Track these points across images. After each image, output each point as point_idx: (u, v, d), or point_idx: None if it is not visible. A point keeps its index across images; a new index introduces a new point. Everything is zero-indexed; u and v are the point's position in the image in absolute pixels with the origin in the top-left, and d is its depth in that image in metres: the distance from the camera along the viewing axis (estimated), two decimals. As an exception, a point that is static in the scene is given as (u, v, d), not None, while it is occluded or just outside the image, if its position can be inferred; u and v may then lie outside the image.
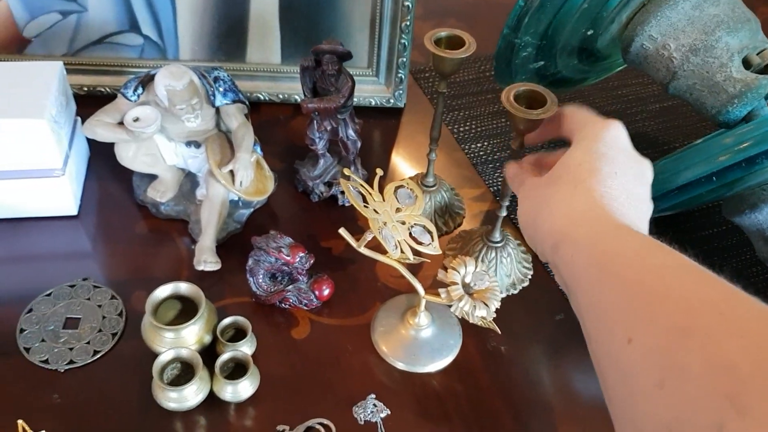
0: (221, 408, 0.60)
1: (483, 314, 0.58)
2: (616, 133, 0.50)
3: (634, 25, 0.70)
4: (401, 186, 0.62)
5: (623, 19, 0.71)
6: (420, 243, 0.60)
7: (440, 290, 0.59)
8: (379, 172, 0.62)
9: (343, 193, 0.77)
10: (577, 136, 0.51)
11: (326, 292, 0.68)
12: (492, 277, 0.60)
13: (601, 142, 0.49)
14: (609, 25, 0.72)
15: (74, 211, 0.74)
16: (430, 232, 0.61)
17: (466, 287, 0.59)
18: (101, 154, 0.80)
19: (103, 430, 0.58)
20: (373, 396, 0.62)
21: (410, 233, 0.60)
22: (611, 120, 0.51)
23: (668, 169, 0.62)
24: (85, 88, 0.85)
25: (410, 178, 0.77)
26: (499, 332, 0.61)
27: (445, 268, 0.60)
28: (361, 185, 0.60)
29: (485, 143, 0.87)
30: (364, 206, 0.60)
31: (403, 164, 0.85)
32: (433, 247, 0.60)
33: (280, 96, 0.88)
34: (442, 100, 0.67)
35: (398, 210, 0.61)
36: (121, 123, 0.67)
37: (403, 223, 0.60)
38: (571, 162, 0.49)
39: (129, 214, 0.75)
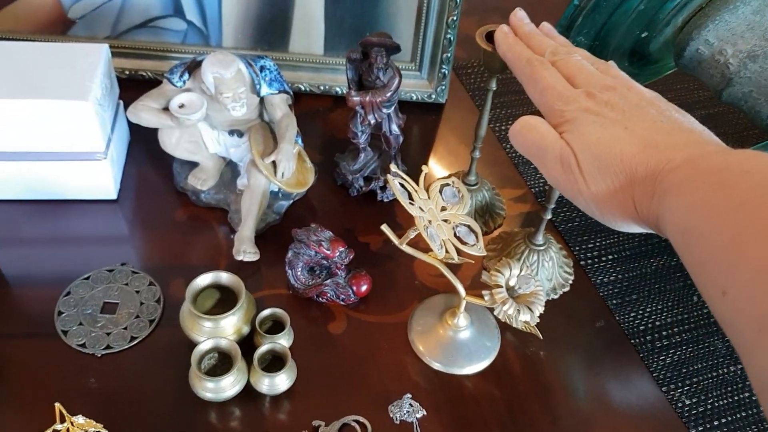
0: (256, 400, 0.60)
1: (527, 319, 0.57)
2: None
3: (690, 29, 0.68)
4: (447, 184, 0.61)
5: (679, 22, 0.69)
6: (464, 243, 0.59)
7: (484, 293, 0.58)
8: (425, 169, 0.61)
9: (382, 188, 0.76)
10: None
11: (364, 288, 0.67)
12: (537, 281, 0.59)
13: None
14: (664, 28, 0.70)
15: (114, 196, 0.74)
16: (475, 233, 0.60)
17: (509, 290, 0.58)
18: (141, 140, 0.80)
19: (138, 417, 0.58)
20: (410, 396, 0.61)
21: (455, 233, 0.59)
22: None
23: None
24: (127, 72, 0.85)
25: (451, 175, 0.76)
26: (541, 337, 0.60)
27: (488, 270, 0.59)
28: (407, 181, 0.59)
29: (527, 143, 0.85)
30: (410, 203, 0.59)
31: (443, 161, 0.84)
32: (477, 248, 0.59)
33: (321, 87, 0.87)
34: (490, 98, 0.66)
35: (443, 209, 0.60)
36: (165, 108, 0.67)
37: (448, 222, 0.59)
38: None
39: (168, 201, 0.75)
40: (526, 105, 0.91)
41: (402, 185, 0.59)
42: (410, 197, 0.59)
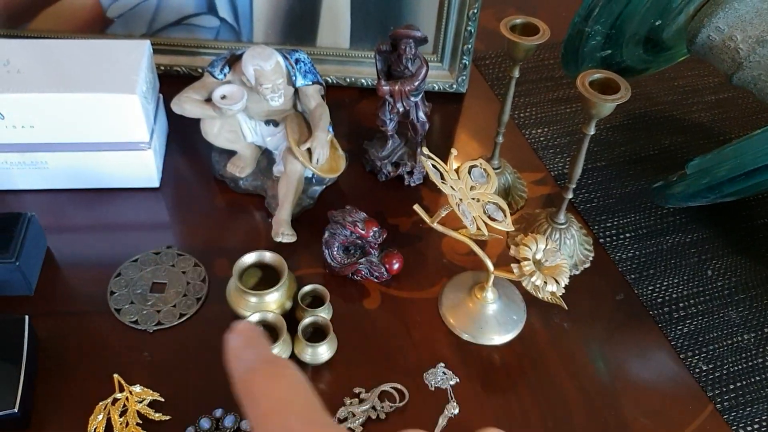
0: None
1: (553, 289, 0.61)
2: None
3: (702, 17, 0.72)
4: (475, 165, 0.65)
5: (691, 10, 0.73)
6: (493, 220, 0.63)
7: (512, 265, 0.62)
8: (454, 151, 0.65)
9: (410, 173, 0.80)
10: None
11: (396, 266, 0.71)
12: (562, 255, 0.63)
13: None
14: (677, 16, 0.74)
15: (156, 184, 0.78)
16: (503, 210, 0.64)
17: (536, 263, 0.62)
18: (178, 132, 0.84)
19: (191, 386, 0.62)
20: (443, 365, 0.65)
21: (484, 210, 0.63)
22: None
23: (738, 153, 0.64)
24: (162, 68, 0.89)
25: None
26: (566, 308, 0.64)
27: (516, 245, 0.63)
28: (438, 163, 0.63)
29: (545, 129, 0.89)
30: (442, 182, 0.63)
31: (466, 147, 0.88)
32: (505, 224, 0.63)
33: (348, 80, 0.91)
34: (513, 85, 0.70)
35: (472, 188, 0.64)
36: (208, 100, 0.71)
37: (477, 200, 0.63)
38: None
39: (207, 188, 0.79)
40: (543, 93, 0.95)
41: (434, 166, 0.63)
42: (441, 177, 0.63)
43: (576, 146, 0.67)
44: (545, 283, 0.60)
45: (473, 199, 0.63)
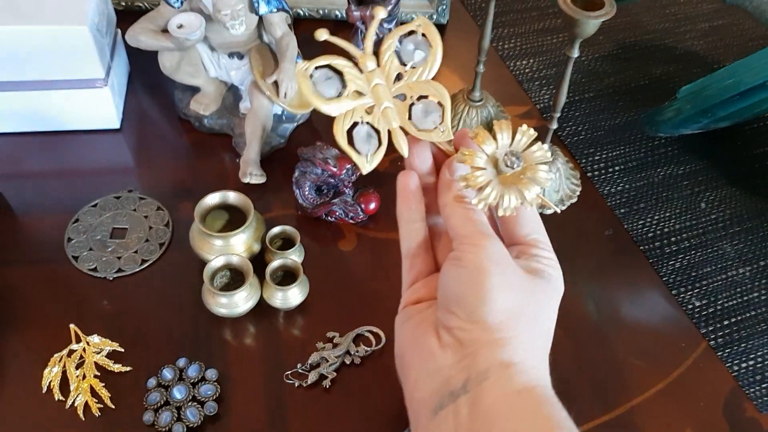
0: (270, 316, 0.61)
1: (537, 192, 0.40)
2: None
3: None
4: (412, 32, 0.44)
5: None
6: (424, 131, 0.43)
7: (457, 177, 0.42)
8: (380, 11, 0.45)
9: (386, 108, 0.75)
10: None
11: (372, 205, 0.67)
12: (541, 144, 0.43)
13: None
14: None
15: (117, 125, 0.73)
16: (443, 106, 0.42)
17: (509, 156, 0.41)
18: (141, 71, 0.79)
19: (153, 335, 0.59)
20: (422, 306, 0.62)
21: (410, 114, 0.43)
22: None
23: (733, 73, 0.60)
24: (123, 3, 0.84)
25: (456, 93, 0.75)
26: (559, 211, 0.55)
27: (463, 152, 0.41)
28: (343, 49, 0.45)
29: (531, 60, 0.85)
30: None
31: (446, 81, 0.83)
32: (441, 132, 0.42)
33: (320, 11, 0.85)
34: (492, 5, 0.65)
35: (399, 77, 0.43)
36: (164, 30, 0.66)
37: (405, 98, 0.43)
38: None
39: (171, 128, 0.75)
40: (528, 23, 0.90)
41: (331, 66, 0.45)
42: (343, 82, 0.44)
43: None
44: (503, 196, 0.40)
45: (396, 97, 0.43)
